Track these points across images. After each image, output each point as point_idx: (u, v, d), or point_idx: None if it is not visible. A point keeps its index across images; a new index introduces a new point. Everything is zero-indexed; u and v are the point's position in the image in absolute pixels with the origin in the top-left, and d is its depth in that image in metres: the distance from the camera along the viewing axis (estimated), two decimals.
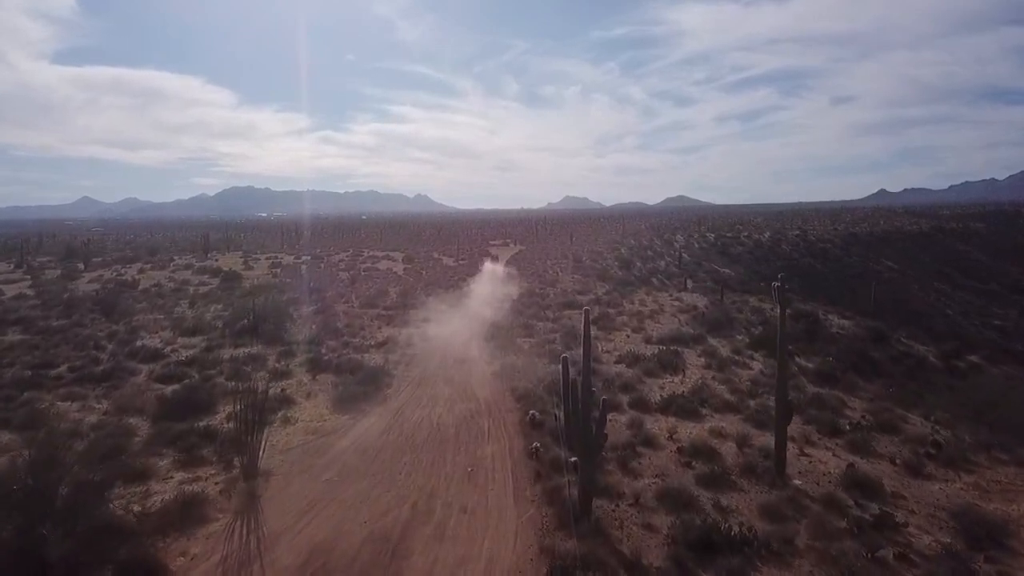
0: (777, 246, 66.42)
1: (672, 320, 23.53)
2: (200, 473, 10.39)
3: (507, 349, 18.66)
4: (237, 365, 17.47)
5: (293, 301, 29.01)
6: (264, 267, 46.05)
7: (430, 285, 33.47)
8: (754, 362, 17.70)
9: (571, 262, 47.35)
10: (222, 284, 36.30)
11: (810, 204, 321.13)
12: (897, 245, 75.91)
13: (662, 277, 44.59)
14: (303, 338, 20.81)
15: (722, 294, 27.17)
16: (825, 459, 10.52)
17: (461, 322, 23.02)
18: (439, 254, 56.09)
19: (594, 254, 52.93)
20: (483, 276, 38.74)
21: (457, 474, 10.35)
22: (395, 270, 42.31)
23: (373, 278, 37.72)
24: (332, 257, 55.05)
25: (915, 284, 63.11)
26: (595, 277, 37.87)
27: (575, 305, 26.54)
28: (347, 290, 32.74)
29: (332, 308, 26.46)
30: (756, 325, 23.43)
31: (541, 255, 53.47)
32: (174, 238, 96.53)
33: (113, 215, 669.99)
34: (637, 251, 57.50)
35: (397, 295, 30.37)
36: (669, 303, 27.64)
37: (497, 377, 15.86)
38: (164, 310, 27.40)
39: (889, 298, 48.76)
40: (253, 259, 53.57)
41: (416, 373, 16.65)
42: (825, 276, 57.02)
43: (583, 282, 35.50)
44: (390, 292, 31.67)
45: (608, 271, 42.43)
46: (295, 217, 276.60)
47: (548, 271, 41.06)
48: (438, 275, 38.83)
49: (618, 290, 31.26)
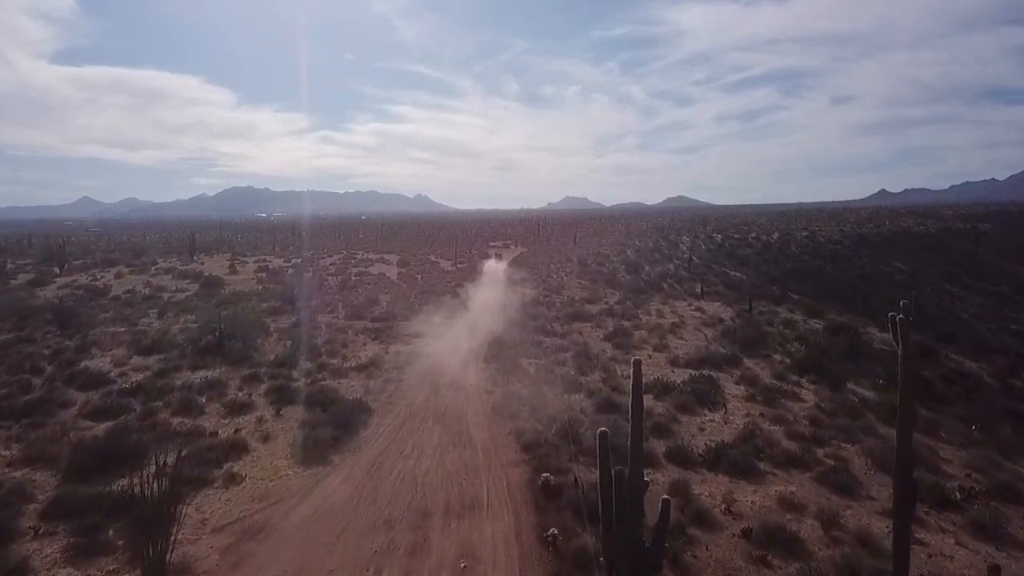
0: (786, 247, 63.67)
1: (697, 335, 20.71)
2: (92, 572, 7.58)
3: (510, 372, 15.87)
4: (190, 394, 14.67)
5: (272, 311, 26.21)
6: (250, 271, 43.25)
7: (425, 293, 30.65)
8: (804, 391, 14.89)
9: (576, 265, 44.54)
10: (200, 291, 33.50)
11: (811, 204, 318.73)
12: (904, 246, 73.38)
13: (672, 282, 41.84)
14: (275, 358, 18.01)
15: (750, 305, 24.30)
16: (949, 550, 7.74)
17: (457, 337, 20.22)
18: (436, 257, 53.29)
19: (599, 257, 50.13)
20: (483, 282, 35.96)
21: (444, 572, 7.55)
22: (389, 275, 39.51)
23: (364, 284, 34.91)
24: (324, 260, 52.26)
25: (927, 287, 60.51)
26: (603, 283, 35.07)
27: (584, 316, 23.71)
28: (334, 298, 29.93)
29: (314, 320, 23.65)
30: (790, 341, 20.62)
31: (544, 258, 50.67)
32: (168, 239, 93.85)
33: (113, 215, 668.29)
34: (644, 253, 54.69)
35: (388, 304, 27.56)
36: (690, 314, 24.81)
37: (498, 414, 13.04)
38: (128, 322, 24.59)
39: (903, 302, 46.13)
40: (241, 262, 50.76)
41: (401, 407, 13.84)
42: (836, 278, 54.29)
43: (591, 288, 32.69)
44: (381, 300, 28.86)
45: (616, 276, 39.61)
46: (294, 218, 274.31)
47: (552, 276, 38.27)
48: (434, 281, 36.03)
49: (631, 298, 28.44)
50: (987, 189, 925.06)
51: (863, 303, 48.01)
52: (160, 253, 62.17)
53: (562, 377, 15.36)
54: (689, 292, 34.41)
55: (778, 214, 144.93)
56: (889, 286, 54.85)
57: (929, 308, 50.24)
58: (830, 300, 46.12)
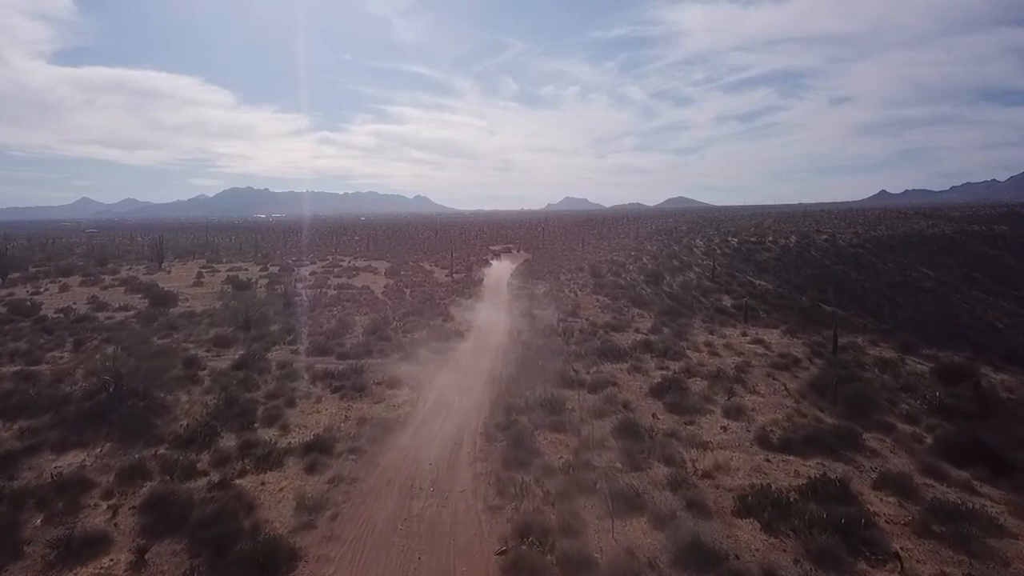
0: (806, 252, 58.39)
1: (773, 387, 15.20)
2: None
3: (520, 466, 10.42)
4: (16, 511, 9.22)
5: (216, 342, 20.74)
6: (217, 282, 37.79)
7: (412, 315, 25.14)
8: (991, 504, 9.39)
9: (589, 275, 39.11)
10: (147, 310, 28.07)
11: (812, 205, 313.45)
12: (922, 249, 68.32)
13: (698, 294, 36.53)
14: (186, 427, 12.54)
15: (835, 344, 18.59)
16: None
17: (446, 392, 14.80)
18: (431, 264, 47.79)
19: (613, 264, 44.69)
20: (483, 296, 30.52)
21: None
22: (374, 288, 34.04)
23: (342, 301, 29.45)
24: (306, 268, 46.80)
25: (955, 294, 55.42)
26: (626, 300, 29.59)
27: (615, 353, 18.21)
28: (302, 320, 24.48)
29: (262, 358, 18.17)
30: (900, 395, 15.10)
31: (551, 265, 45.24)
32: (153, 241, 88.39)
33: (112, 216, 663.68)
34: (661, 260, 49.23)
35: (365, 332, 22.10)
36: (749, 349, 19.29)
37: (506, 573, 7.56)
38: (28, 357, 19.12)
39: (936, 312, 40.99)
40: (213, 270, 45.32)
41: (347, 544, 8.39)
42: (862, 286, 48.86)
43: (613, 308, 27.22)
44: (357, 325, 23.40)
45: (637, 289, 34.21)
46: (294, 219, 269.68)
47: (564, 289, 32.82)
48: (426, 296, 30.57)
49: (667, 324, 22.93)
50: (988, 190, 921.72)
51: (892, 313, 42.64)
52: (131, 259, 56.75)
53: (605, 475, 9.90)
54: (728, 312, 29.01)
55: (784, 215, 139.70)
56: (917, 293, 49.36)
57: (961, 317, 44.90)
58: (858, 310, 40.78)
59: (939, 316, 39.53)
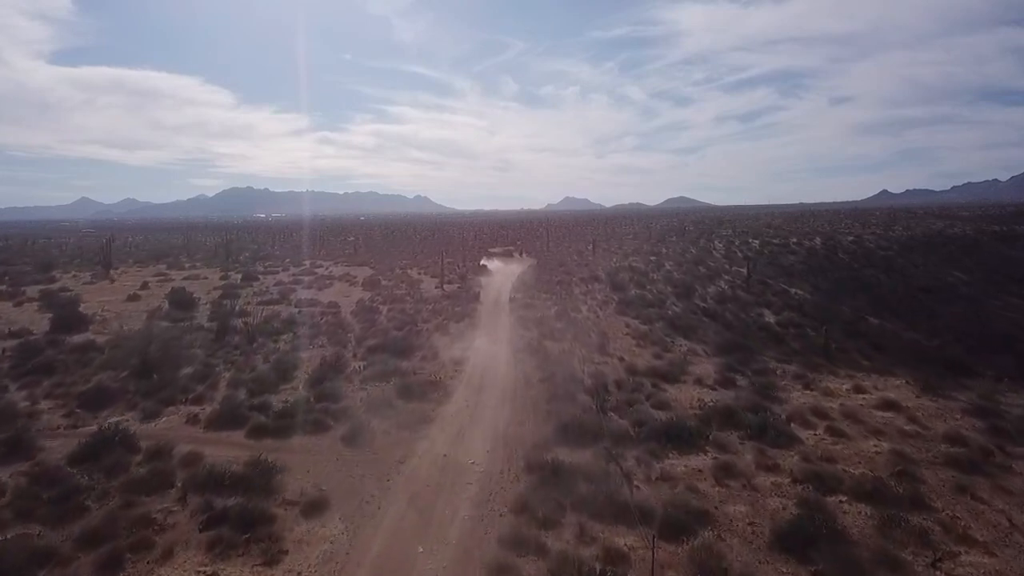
0: (833, 254, 51.75)
1: (994, 525, 8.58)
2: None
3: None
4: None
5: (80, 401, 14.12)
6: (161, 295, 31.11)
7: (380, 351, 18.41)
8: None
9: (608, 287, 32.50)
10: (41, 338, 21.49)
11: (812, 204, 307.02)
12: (941, 250, 61.86)
13: (734, 308, 30.02)
14: None
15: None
16: None
17: (401, 526, 8.21)
18: (420, 271, 41.06)
19: (633, 273, 38.08)
20: (478, 321, 23.90)
21: None
22: (344, 303, 27.36)
23: (297, 325, 22.81)
24: (275, 277, 40.16)
25: (992, 300, 48.98)
26: (664, 324, 22.95)
27: (682, 434, 11.57)
28: (226, 363, 17.81)
29: (122, 443, 11.54)
30: None
31: (559, 272, 38.59)
32: (102, 245, 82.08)
33: (111, 216, 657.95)
34: (686, 266, 42.57)
35: (307, 381, 15.47)
36: (886, 422, 12.52)
37: None
38: None
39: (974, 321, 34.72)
40: (165, 279, 38.74)
41: None
42: (893, 291, 42.14)
43: (651, 337, 20.56)
44: (301, 368, 16.77)
45: (668, 305, 27.68)
46: (293, 219, 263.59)
47: (581, 308, 26.18)
48: (406, 318, 23.89)
49: (735, 368, 16.16)
50: (989, 190, 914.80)
51: (929, 322, 35.63)
52: (80, 264, 50.08)
53: None
54: (773, 331, 22.35)
55: (792, 215, 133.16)
56: (953, 299, 42.47)
57: (1000, 325, 38.37)
58: (892, 318, 34.16)
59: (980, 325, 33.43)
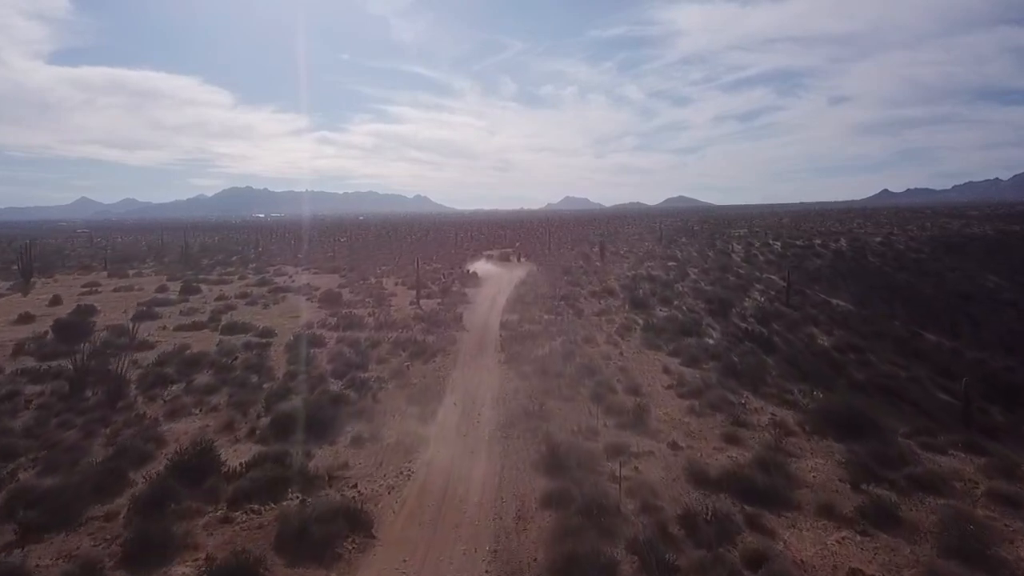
0: (862, 257, 45.41)
1: None
2: None
3: None
4: None
5: None
6: (62, 312, 24.40)
7: (288, 424, 11.77)
8: None
9: (626, 305, 25.88)
10: None
11: (814, 204, 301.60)
12: (962, 251, 55.60)
13: (781, 328, 23.67)
14: None
15: None
16: None
17: None
18: (397, 280, 34.32)
19: (654, 283, 31.49)
20: (456, 361, 17.23)
21: None
22: (283, 332, 20.73)
23: (202, 369, 16.22)
24: (221, 288, 33.51)
25: None
26: (717, 367, 16.29)
27: None
28: (61, 442, 11.32)
29: None
30: None
31: (564, 282, 31.99)
32: (21, 248, 75.56)
33: (111, 216, 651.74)
34: (713, 274, 35.98)
35: (151, 490, 8.92)
36: None
37: None
38: None
39: None
40: (93, 291, 32.16)
41: None
42: (930, 298, 35.64)
43: (704, 393, 13.99)
44: (158, 459, 10.27)
45: (704, 327, 21.16)
46: (293, 219, 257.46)
47: (597, 338, 19.51)
48: (355, 355, 17.25)
49: (853, 466, 9.53)
50: (990, 189, 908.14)
51: (974, 332, 29.17)
52: (5, 273, 43.28)
53: None
54: (833, 358, 15.78)
55: (797, 214, 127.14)
56: (995, 306, 35.70)
57: None
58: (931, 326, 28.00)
59: None
